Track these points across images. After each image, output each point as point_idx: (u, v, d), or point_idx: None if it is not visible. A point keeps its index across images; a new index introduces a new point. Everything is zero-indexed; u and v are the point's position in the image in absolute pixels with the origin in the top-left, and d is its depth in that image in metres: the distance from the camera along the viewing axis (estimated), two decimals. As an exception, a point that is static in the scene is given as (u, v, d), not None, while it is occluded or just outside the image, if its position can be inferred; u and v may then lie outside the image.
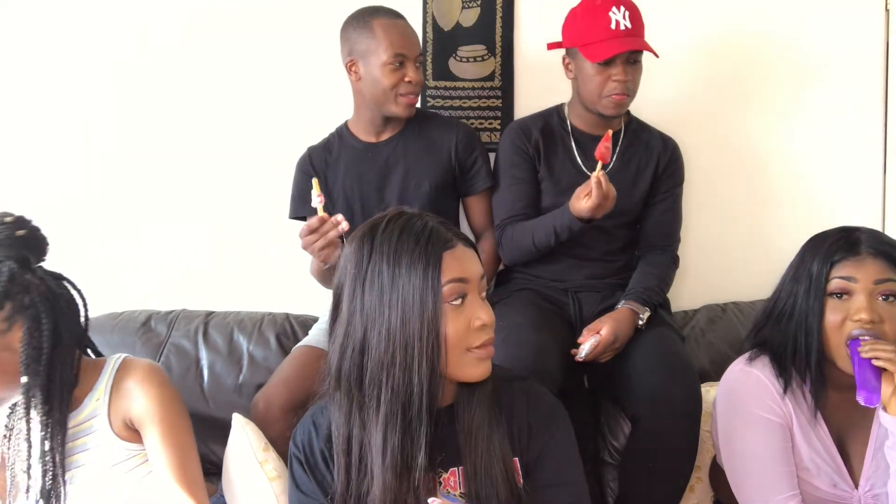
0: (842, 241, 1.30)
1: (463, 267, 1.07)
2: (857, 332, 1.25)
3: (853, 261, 1.27)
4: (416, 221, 1.10)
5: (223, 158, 2.17)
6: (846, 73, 2.10)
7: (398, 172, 1.86)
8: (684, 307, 2.04)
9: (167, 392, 1.40)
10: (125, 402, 1.38)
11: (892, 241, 1.31)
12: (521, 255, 1.82)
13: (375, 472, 1.06)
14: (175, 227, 2.19)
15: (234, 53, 2.15)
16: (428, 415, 1.05)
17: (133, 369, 1.41)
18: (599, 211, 1.60)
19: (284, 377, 1.68)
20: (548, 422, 1.17)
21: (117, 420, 1.38)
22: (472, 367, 1.08)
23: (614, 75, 1.70)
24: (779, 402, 1.34)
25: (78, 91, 2.17)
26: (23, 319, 1.31)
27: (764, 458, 1.33)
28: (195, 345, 1.95)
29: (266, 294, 2.13)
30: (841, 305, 1.27)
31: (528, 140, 1.84)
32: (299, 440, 1.17)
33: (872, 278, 1.26)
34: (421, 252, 1.06)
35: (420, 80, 1.80)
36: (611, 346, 1.64)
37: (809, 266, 1.31)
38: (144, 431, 1.37)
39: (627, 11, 1.69)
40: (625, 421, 1.71)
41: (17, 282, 1.31)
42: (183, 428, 1.40)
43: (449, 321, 1.05)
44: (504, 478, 1.09)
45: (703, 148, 2.09)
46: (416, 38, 1.81)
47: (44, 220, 2.21)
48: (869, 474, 1.34)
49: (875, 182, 2.12)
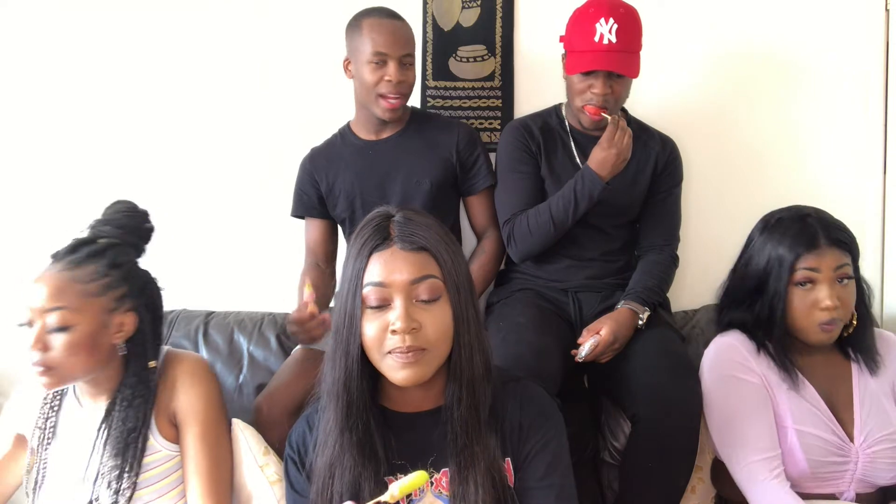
0: (802, 234, 1.45)
1: (387, 270, 1.07)
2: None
3: (815, 253, 1.44)
4: (374, 219, 1.13)
5: (224, 158, 2.17)
6: (846, 73, 2.10)
7: (398, 170, 1.86)
8: (684, 307, 2.04)
9: (214, 391, 1.37)
10: (168, 395, 1.34)
11: (839, 225, 1.48)
12: (537, 241, 1.77)
13: (336, 472, 1.08)
14: (175, 227, 2.18)
15: (234, 53, 2.15)
16: (372, 412, 1.10)
17: (179, 361, 1.37)
18: (619, 158, 1.65)
19: (286, 380, 1.68)
20: (540, 423, 1.16)
21: (161, 418, 1.34)
22: (393, 371, 1.08)
23: (592, 87, 1.71)
24: (750, 362, 1.49)
25: (78, 91, 2.18)
26: (133, 306, 1.31)
27: (741, 415, 1.46)
28: (195, 345, 1.95)
29: (266, 294, 2.13)
30: (806, 294, 1.45)
31: (530, 137, 1.84)
32: (294, 440, 1.18)
33: (832, 266, 1.44)
34: (355, 250, 1.11)
35: (404, 80, 1.76)
36: (610, 346, 1.64)
37: (773, 253, 1.47)
38: (184, 428, 1.34)
39: (616, 25, 1.66)
40: (625, 421, 1.71)
41: (138, 269, 1.34)
42: (222, 433, 1.37)
43: (366, 322, 1.07)
44: (489, 481, 1.08)
45: (702, 148, 2.09)
46: (403, 38, 1.77)
47: (44, 219, 2.22)
48: (861, 426, 1.45)
49: (875, 182, 2.11)
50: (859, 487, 1.46)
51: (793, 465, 1.44)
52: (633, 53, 1.73)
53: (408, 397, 1.15)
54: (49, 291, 1.23)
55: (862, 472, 1.44)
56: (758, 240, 1.53)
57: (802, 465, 1.43)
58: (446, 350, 1.10)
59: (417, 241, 1.09)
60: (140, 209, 1.39)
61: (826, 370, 1.51)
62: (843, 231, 1.48)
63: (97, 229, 1.34)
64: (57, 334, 1.23)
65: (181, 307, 2.07)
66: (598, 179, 1.68)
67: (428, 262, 1.09)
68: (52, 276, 1.25)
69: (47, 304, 1.23)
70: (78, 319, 1.24)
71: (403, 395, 1.15)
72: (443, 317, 1.09)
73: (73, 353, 1.24)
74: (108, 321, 1.28)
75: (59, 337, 1.23)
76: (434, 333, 1.07)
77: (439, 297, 1.09)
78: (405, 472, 1.09)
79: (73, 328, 1.24)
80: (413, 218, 1.12)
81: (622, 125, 1.67)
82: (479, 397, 1.12)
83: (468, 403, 1.10)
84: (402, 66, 1.76)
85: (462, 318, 1.10)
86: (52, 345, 1.23)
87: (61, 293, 1.23)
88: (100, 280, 1.27)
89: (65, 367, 1.25)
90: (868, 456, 1.43)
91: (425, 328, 1.07)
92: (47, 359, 1.23)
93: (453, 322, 1.10)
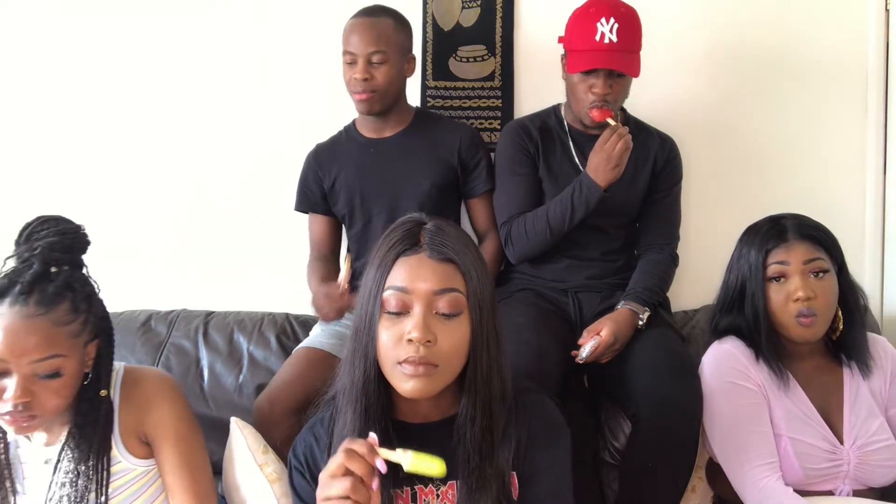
0: (772, 230, 1.50)
1: (411, 277, 1.05)
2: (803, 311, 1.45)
3: (783, 247, 1.48)
4: (404, 223, 1.11)
5: (224, 159, 2.17)
6: (846, 72, 2.10)
7: (399, 169, 1.86)
8: (684, 307, 2.04)
9: (182, 406, 1.33)
10: (136, 417, 1.29)
11: (814, 224, 1.51)
12: (534, 245, 1.78)
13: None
14: (175, 227, 2.19)
15: (234, 53, 2.15)
16: (384, 416, 1.07)
17: (143, 380, 1.32)
18: (609, 164, 1.64)
19: (287, 379, 1.68)
20: (548, 439, 1.15)
21: (130, 438, 1.30)
22: (401, 382, 1.04)
23: (593, 87, 1.71)
24: (749, 370, 1.50)
25: (78, 90, 2.18)
26: (96, 333, 1.24)
27: (741, 422, 1.47)
28: (195, 345, 1.95)
29: (266, 294, 2.13)
30: (780, 288, 1.48)
31: (528, 138, 1.84)
32: (300, 452, 1.16)
33: (802, 259, 1.46)
34: (380, 253, 1.08)
35: (369, 77, 1.76)
36: (611, 347, 1.64)
37: (748, 256, 1.52)
38: (158, 447, 1.30)
39: (617, 24, 1.66)
40: (625, 421, 1.71)
41: (94, 291, 1.25)
42: (197, 446, 1.34)
43: (383, 328, 1.05)
44: (498, 498, 1.06)
45: (702, 147, 2.09)
46: (372, 36, 1.76)
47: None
48: (851, 429, 1.47)
49: (875, 182, 2.11)
50: (854, 486, 1.47)
51: (788, 470, 1.45)
52: (633, 53, 1.73)
53: (417, 408, 1.13)
54: (36, 341, 1.14)
55: (855, 472, 1.45)
56: (737, 249, 1.57)
57: (797, 470, 1.45)
58: (458, 368, 1.08)
59: (447, 252, 1.06)
60: (78, 225, 1.27)
61: (819, 377, 1.52)
62: (818, 229, 1.50)
63: (46, 256, 1.20)
64: (47, 381, 1.17)
65: (181, 307, 2.07)
66: (596, 186, 1.67)
67: (454, 275, 1.06)
68: (28, 323, 1.15)
69: (37, 355, 1.15)
70: (67, 363, 1.18)
71: (413, 406, 1.13)
72: (460, 334, 1.06)
73: (61, 397, 1.19)
74: (84, 354, 1.23)
75: (50, 384, 1.17)
76: (448, 349, 1.04)
77: (460, 312, 1.06)
78: (411, 483, 1.08)
79: (63, 372, 1.18)
80: (445, 229, 1.09)
81: (621, 131, 1.66)
82: (494, 419, 1.09)
83: (482, 425, 1.08)
84: (369, 65, 1.76)
85: (480, 338, 1.08)
86: (39, 394, 1.16)
87: (50, 341, 1.15)
88: (78, 317, 1.20)
89: (49, 413, 1.19)
90: (859, 457, 1.45)
91: (440, 343, 1.04)
92: (32, 407, 1.16)
93: (470, 341, 1.07)
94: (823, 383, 1.52)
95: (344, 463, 0.94)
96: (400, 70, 1.82)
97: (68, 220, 1.26)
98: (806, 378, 1.51)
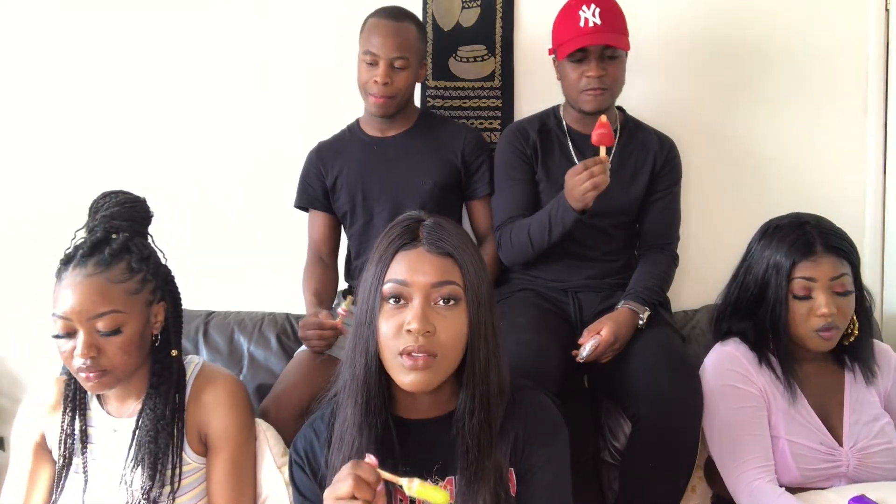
0: (799, 241, 1.46)
1: (410, 270, 1.07)
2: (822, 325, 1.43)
3: (811, 261, 1.44)
4: (404, 220, 1.13)
5: (224, 158, 2.17)
6: (846, 72, 2.10)
7: (402, 168, 1.86)
8: (684, 307, 2.04)
9: (246, 417, 1.37)
10: (201, 416, 1.33)
11: (838, 232, 1.48)
12: (519, 255, 1.80)
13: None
14: (175, 227, 2.18)
15: (234, 53, 2.15)
16: (384, 410, 1.09)
17: (215, 382, 1.36)
18: (580, 198, 1.58)
19: (293, 382, 1.66)
20: (545, 436, 1.16)
21: (191, 432, 1.33)
22: (400, 374, 1.07)
23: (587, 71, 1.73)
24: (752, 374, 1.50)
25: (79, 90, 2.18)
26: (162, 295, 1.31)
27: (736, 424, 1.48)
28: (195, 345, 1.95)
29: (266, 294, 2.13)
30: (804, 303, 1.45)
31: (525, 142, 1.84)
32: (301, 447, 1.17)
33: (829, 276, 1.44)
34: (380, 248, 1.11)
35: (390, 82, 1.76)
36: (611, 346, 1.64)
37: (770, 261, 1.48)
38: (213, 452, 1.34)
39: (598, 9, 1.71)
40: (625, 421, 1.71)
41: (158, 258, 1.34)
42: (250, 461, 1.37)
43: (383, 319, 1.07)
44: (496, 498, 1.07)
45: (701, 147, 2.09)
46: (398, 41, 1.76)
47: (44, 220, 2.22)
48: (851, 431, 1.48)
49: (875, 182, 2.11)
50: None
51: (784, 471, 1.46)
52: (620, 33, 1.75)
53: (417, 403, 1.14)
54: (93, 297, 1.22)
55: (853, 474, 1.45)
56: (756, 247, 1.53)
57: (794, 472, 1.45)
58: (456, 359, 1.10)
59: (444, 246, 1.09)
60: (139, 197, 1.38)
61: (819, 379, 1.52)
62: (842, 239, 1.47)
63: (107, 224, 1.30)
64: (109, 338, 1.23)
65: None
66: (570, 209, 1.64)
67: (452, 268, 1.09)
68: (87, 281, 1.22)
69: (95, 310, 1.21)
70: (127, 319, 1.24)
71: (412, 402, 1.14)
72: (458, 325, 1.08)
73: (126, 353, 1.24)
74: (149, 315, 1.29)
75: (112, 340, 1.23)
76: (447, 340, 1.07)
77: (458, 300, 1.08)
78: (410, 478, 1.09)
79: (124, 329, 1.24)
80: (443, 224, 1.12)
81: (595, 170, 1.57)
82: (493, 413, 1.11)
83: (481, 418, 1.10)
84: (391, 69, 1.76)
85: (478, 330, 1.10)
86: (105, 349, 1.23)
87: (107, 296, 1.22)
88: (135, 276, 1.27)
89: (119, 369, 1.25)
90: (858, 459, 1.45)
91: (439, 333, 1.06)
92: (101, 363, 1.22)
93: (468, 333, 1.09)
94: (823, 385, 1.52)
95: (353, 491, 0.95)
96: (416, 75, 1.84)
97: (129, 193, 1.37)
98: (806, 379, 1.51)
